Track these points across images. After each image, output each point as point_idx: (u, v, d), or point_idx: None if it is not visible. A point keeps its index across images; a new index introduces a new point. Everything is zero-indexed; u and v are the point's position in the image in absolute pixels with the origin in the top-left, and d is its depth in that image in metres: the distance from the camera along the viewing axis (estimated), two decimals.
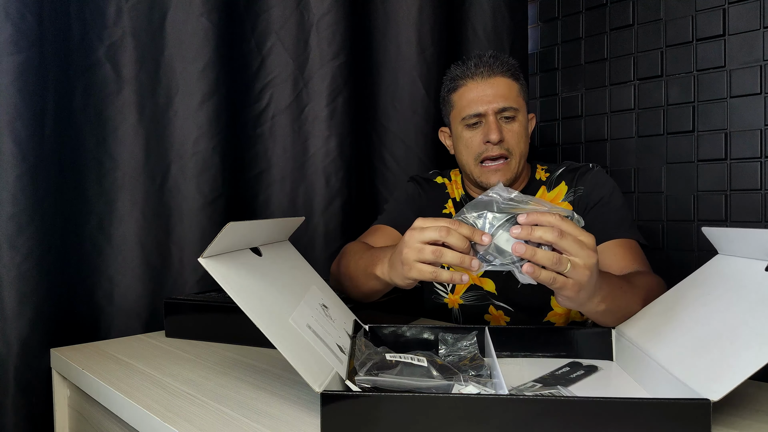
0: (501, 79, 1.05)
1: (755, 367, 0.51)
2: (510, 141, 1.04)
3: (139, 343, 0.95)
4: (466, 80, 1.06)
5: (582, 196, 1.05)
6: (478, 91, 1.05)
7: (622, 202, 1.04)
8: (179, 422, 0.59)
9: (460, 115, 1.07)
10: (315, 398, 0.56)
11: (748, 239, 0.64)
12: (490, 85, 1.04)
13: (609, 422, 0.51)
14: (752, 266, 0.63)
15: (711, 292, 0.66)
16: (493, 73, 1.05)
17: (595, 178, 1.06)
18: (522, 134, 1.06)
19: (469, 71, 1.06)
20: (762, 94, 1.21)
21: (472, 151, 1.06)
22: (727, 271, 0.67)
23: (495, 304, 1.10)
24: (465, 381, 0.60)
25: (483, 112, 1.04)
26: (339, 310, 0.81)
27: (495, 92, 1.04)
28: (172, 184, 1.10)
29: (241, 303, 0.59)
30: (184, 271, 1.11)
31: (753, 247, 0.63)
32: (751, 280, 0.61)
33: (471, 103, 1.05)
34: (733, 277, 0.65)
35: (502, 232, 0.64)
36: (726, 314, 0.60)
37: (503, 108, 1.04)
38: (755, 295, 0.59)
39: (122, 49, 1.04)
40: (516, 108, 1.05)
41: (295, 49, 1.25)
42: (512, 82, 1.06)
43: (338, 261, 1.05)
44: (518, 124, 1.05)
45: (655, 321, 0.71)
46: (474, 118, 1.05)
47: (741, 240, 0.66)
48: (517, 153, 1.05)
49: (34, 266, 0.91)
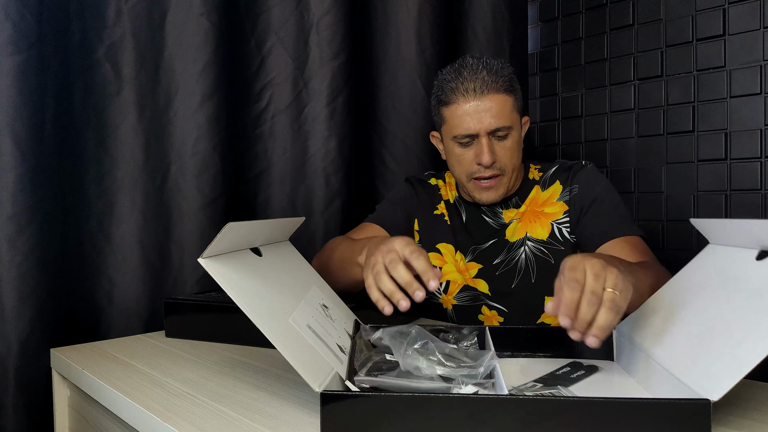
0: (494, 96, 0.99)
1: (752, 364, 0.51)
2: (502, 159, 1.02)
3: (139, 343, 0.95)
4: (458, 96, 1.01)
5: (577, 194, 1.04)
6: (470, 109, 0.99)
7: (619, 199, 1.04)
8: (179, 422, 0.59)
9: (452, 132, 1.03)
10: (315, 398, 0.56)
11: (737, 230, 0.64)
12: (483, 103, 0.99)
13: (609, 422, 0.51)
14: (743, 256, 0.63)
15: (706, 286, 0.66)
16: (486, 90, 0.99)
17: (588, 176, 1.05)
18: (515, 149, 1.03)
19: (461, 86, 1.00)
20: (762, 94, 1.21)
21: (463, 168, 1.04)
22: (719, 261, 0.68)
23: (488, 304, 1.10)
24: (464, 381, 0.60)
25: (475, 132, 1.00)
26: (339, 310, 0.81)
27: (488, 112, 0.99)
28: (172, 184, 1.10)
29: (241, 303, 0.59)
30: (184, 271, 1.11)
31: (742, 237, 0.64)
32: (743, 270, 0.62)
33: (462, 122, 1.00)
34: (726, 269, 0.65)
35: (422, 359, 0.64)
36: (722, 309, 0.60)
37: (496, 129, 1.00)
38: (748, 286, 0.59)
39: (122, 49, 1.04)
40: (509, 126, 1.01)
41: (295, 49, 1.25)
42: (506, 97, 1.01)
43: (321, 256, 1.05)
44: (511, 140, 1.02)
45: (653, 319, 0.71)
46: (465, 138, 1.01)
47: (729, 231, 0.66)
48: (509, 169, 1.03)
49: (34, 266, 0.91)
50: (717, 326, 0.59)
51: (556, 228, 1.06)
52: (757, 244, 0.61)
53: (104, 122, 1.03)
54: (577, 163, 1.08)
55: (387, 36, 1.38)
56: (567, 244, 1.04)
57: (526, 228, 1.08)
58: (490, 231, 1.11)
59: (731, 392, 0.51)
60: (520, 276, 1.06)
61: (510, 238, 1.09)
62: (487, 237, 1.11)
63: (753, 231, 0.61)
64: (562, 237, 1.05)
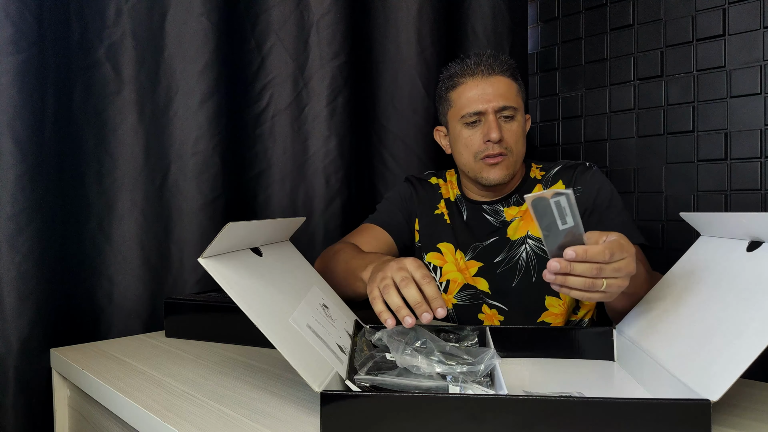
0: (500, 78, 1.05)
1: (749, 361, 0.51)
2: (509, 140, 1.04)
3: (139, 343, 0.95)
4: (466, 78, 1.06)
5: (581, 197, 1.04)
6: (478, 89, 1.04)
7: (622, 204, 1.04)
8: (179, 422, 0.59)
9: (459, 113, 1.06)
10: (315, 398, 0.56)
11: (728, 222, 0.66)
12: (490, 83, 1.04)
13: (610, 422, 0.51)
14: (735, 248, 0.65)
15: (700, 281, 0.67)
16: (493, 72, 1.05)
17: (594, 179, 1.05)
18: (520, 134, 1.06)
19: (469, 69, 1.06)
20: (762, 94, 1.21)
21: (471, 150, 1.06)
22: (712, 254, 0.69)
23: (488, 303, 1.10)
24: (464, 379, 0.60)
25: (483, 110, 1.04)
26: (340, 310, 0.81)
27: (495, 91, 1.04)
28: (172, 184, 1.10)
29: (241, 303, 0.59)
30: (184, 271, 1.11)
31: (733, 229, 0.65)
32: (736, 262, 0.63)
33: (471, 101, 1.05)
34: (719, 262, 0.66)
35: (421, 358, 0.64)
36: (717, 305, 0.61)
37: (503, 107, 1.04)
38: (740, 280, 0.60)
39: (122, 49, 1.04)
40: (515, 107, 1.05)
41: (295, 49, 1.25)
42: (511, 81, 1.06)
43: (325, 260, 1.05)
44: (517, 123, 1.06)
45: (652, 318, 0.71)
46: (474, 116, 1.04)
47: (719, 224, 0.68)
48: (515, 152, 1.05)
49: (34, 266, 0.91)
50: (713, 323, 0.59)
51: None
52: (747, 235, 0.63)
53: (104, 122, 1.03)
54: (582, 164, 1.08)
55: (387, 36, 1.38)
56: None
57: (527, 226, 1.08)
58: (491, 229, 1.11)
59: (731, 392, 0.51)
60: (520, 275, 1.07)
61: (511, 237, 1.09)
62: (489, 235, 1.11)
63: (742, 223, 0.62)
64: None
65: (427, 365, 0.62)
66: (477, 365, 0.63)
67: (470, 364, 0.63)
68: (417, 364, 0.62)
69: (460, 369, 0.62)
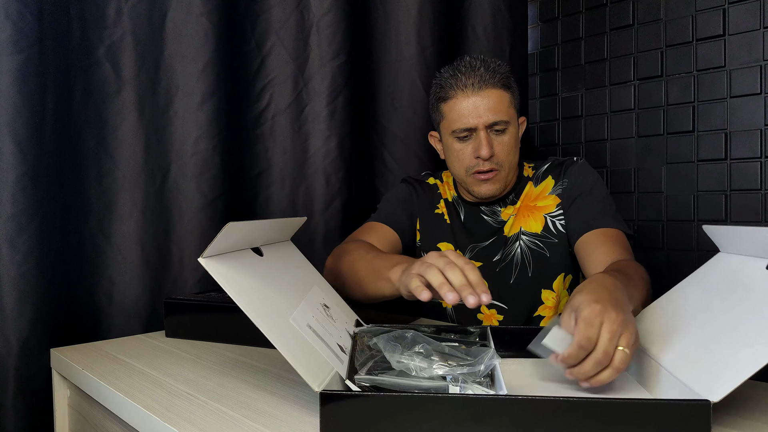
0: (492, 90, 1.02)
1: (755, 368, 0.51)
2: (500, 154, 1.04)
3: (139, 343, 0.95)
4: (456, 91, 1.03)
5: (566, 188, 1.07)
6: (469, 103, 1.02)
7: (606, 194, 1.05)
8: (179, 422, 0.59)
9: (450, 127, 1.05)
10: (315, 398, 0.56)
11: (749, 237, 0.64)
12: (481, 97, 1.02)
13: (610, 422, 0.51)
14: (753, 264, 0.63)
15: (712, 292, 0.66)
16: (484, 85, 1.02)
17: (579, 170, 1.07)
18: (512, 146, 1.06)
19: (460, 82, 1.03)
20: (762, 94, 1.21)
21: (463, 164, 1.06)
22: (728, 269, 0.68)
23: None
24: (464, 379, 0.60)
25: (474, 125, 1.02)
26: (340, 309, 0.81)
27: (486, 106, 1.02)
28: (172, 184, 1.10)
29: (241, 303, 0.59)
30: (184, 271, 1.11)
31: (754, 245, 0.63)
32: (752, 278, 0.61)
33: (461, 116, 1.03)
34: (734, 276, 0.65)
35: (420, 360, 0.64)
36: (727, 314, 0.60)
37: (494, 122, 1.02)
38: (756, 294, 0.59)
39: (122, 49, 1.04)
40: (507, 121, 1.03)
41: (295, 49, 1.25)
42: (503, 92, 1.04)
43: (339, 259, 1.03)
44: (509, 136, 1.04)
45: (657, 322, 0.71)
46: (464, 132, 1.04)
47: (742, 238, 0.66)
48: (507, 165, 1.05)
49: (34, 266, 0.91)
50: (721, 331, 0.59)
51: (549, 221, 1.07)
52: (766, 253, 0.61)
53: (104, 122, 1.03)
54: (569, 159, 1.11)
55: (387, 36, 1.38)
56: (561, 237, 1.06)
57: (520, 223, 1.09)
58: (489, 230, 1.12)
59: (731, 392, 0.51)
60: (517, 271, 1.08)
61: (507, 234, 1.10)
62: (487, 235, 1.11)
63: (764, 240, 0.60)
64: (555, 230, 1.07)
65: (427, 366, 0.62)
66: (477, 365, 0.63)
67: (470, 365, 0.63)
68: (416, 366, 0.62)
69: (460, 369, 0.62)
